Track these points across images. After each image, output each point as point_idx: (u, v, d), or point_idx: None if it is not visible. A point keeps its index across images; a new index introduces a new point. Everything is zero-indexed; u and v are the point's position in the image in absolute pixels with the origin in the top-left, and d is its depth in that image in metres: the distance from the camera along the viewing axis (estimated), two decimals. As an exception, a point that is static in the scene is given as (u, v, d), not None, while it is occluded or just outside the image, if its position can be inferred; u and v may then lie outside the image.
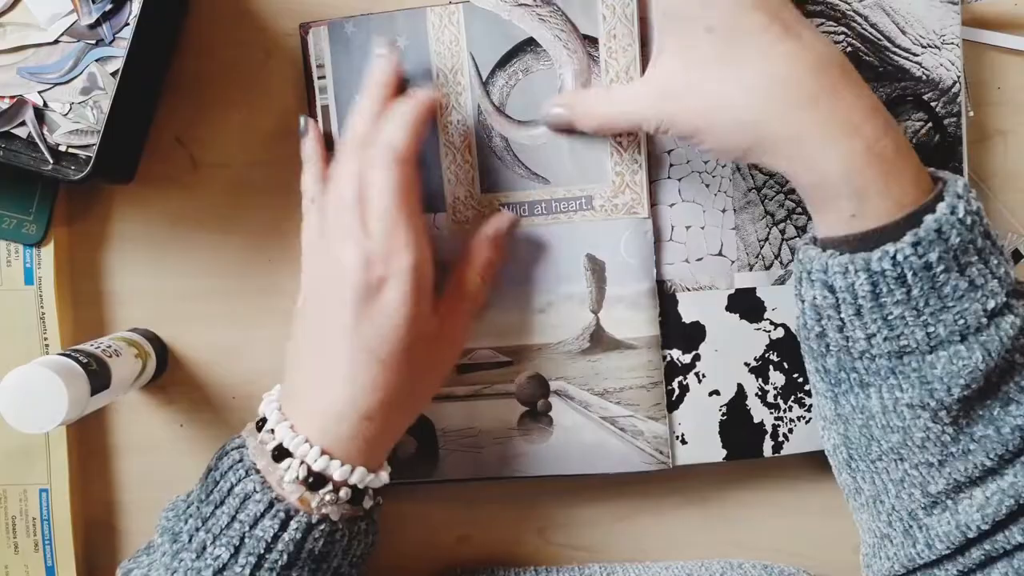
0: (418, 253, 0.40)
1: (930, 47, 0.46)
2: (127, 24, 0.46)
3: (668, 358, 0.47)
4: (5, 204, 0.48)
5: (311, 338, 0.42)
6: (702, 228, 0.47)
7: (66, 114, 0.47)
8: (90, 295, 0.50)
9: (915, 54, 0.46)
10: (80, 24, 0.46)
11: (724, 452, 0.48)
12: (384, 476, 0.42)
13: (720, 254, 0.47)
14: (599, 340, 0.47)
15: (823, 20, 0.46)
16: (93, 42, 0.46)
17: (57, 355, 0.42)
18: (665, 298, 0.47)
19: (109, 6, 0.46)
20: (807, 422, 0.48)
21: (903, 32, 0.46)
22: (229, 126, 0.49)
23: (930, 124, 0.46)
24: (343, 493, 0.39)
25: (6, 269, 0.49)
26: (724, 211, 0.47)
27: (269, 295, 0.50)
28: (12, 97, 0.47)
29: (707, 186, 0.47)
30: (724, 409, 0.48)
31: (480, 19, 0.45)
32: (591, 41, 0.45)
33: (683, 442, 0.48)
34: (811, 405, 0.47)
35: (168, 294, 0.50)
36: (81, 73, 0.46)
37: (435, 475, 0.48)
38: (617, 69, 0.45)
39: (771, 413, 0.48)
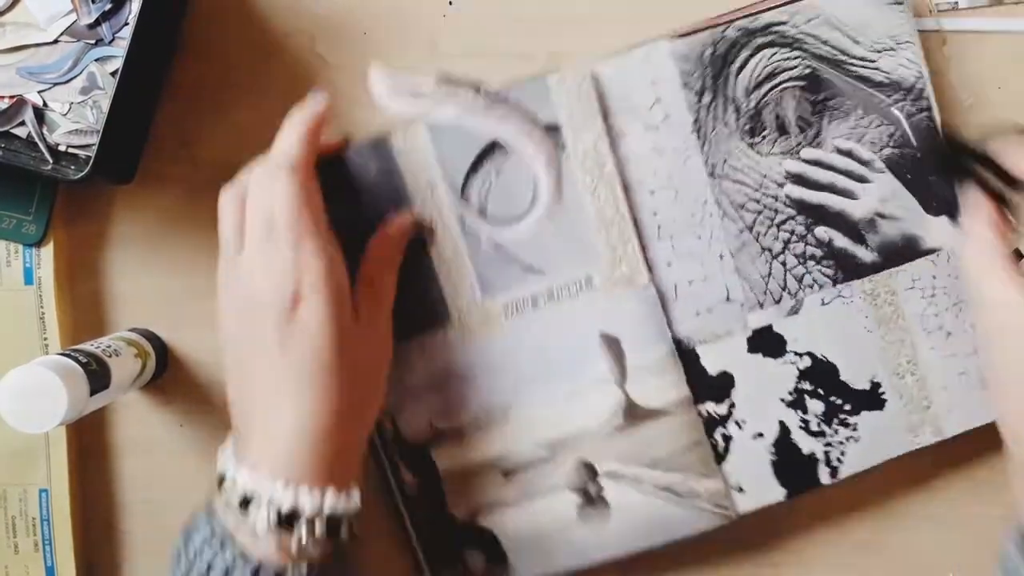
0: (327, 261, 0.39)
1: (885, 51, 0.46)
2: (127, 24, 0.46)
3: (704, 413, 0.47)
4: (5, 204, 0.48)
5: (244, 373, 0.40)
6: (704, 280, 0.47)
7: (66, 114, 0.47)
8: (90, 295, 0.50)
9: (872, 60, 0.46)
10: (79, 24, 0.46)
11: (784, 491, 0.47)
12: (356, 497, 0.40)
13: (728, 300, 0.47)
14: (633, 414, 0.46)
15: (776, 48, 0.46)
16: (92, 42, 0.46)
17: (56, 355, 0.42)
18: (686, 355, 0.47)
19: (108, 6, 0.46)
20: (857, 441, 0.47)
21: (856, 42, 0.46)
22: (229, 126, 0.49)
23: (899, 133, 0.47)
24: (318, 524, 0.37)
25: (6, 269, 0.49)
26: (722, 257, 0.47)
27: (269, 295, 0.50)
28: (12, 97, 0.47)
29: (699, 237, 0.46)
30: (773, 449, 0.47)
31: (443, 132, 0.45)
32: (552, 129, 0.45)
33: (741, 491, 0.47)
34: (856, 424, 0.47)
35: (168, 294, 0.50)
36: (81, 73, 0.46)
37: None
38: (585, 147, 0.45)
39: (819, 441, 0.47)
